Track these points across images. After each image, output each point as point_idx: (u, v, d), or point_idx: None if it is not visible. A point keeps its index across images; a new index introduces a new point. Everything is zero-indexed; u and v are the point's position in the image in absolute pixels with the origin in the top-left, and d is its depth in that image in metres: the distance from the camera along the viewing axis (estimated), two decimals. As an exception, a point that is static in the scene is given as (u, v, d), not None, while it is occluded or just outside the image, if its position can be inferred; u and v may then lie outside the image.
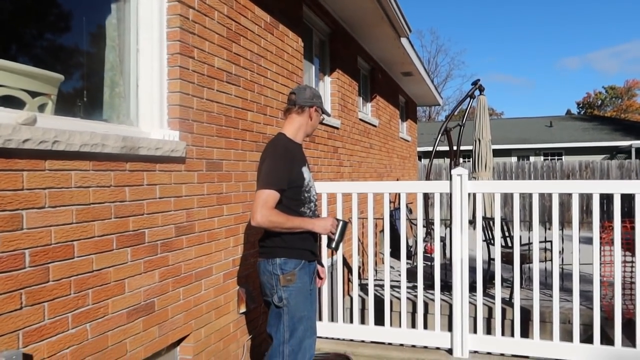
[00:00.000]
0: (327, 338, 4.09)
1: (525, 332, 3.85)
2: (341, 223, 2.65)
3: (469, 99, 6.94)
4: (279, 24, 4.15)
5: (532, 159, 22.37)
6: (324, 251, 3.99)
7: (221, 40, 3.22)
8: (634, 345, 3.43)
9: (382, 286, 5.22)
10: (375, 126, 7.89)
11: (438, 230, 3.83)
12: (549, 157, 22.73)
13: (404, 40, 7.24)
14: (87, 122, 2.33)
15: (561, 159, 21.97)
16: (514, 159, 21.82)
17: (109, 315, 2.30)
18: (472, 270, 3.84)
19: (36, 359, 1.94)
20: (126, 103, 2.70)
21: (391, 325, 3.99)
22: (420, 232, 3.93)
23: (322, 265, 3.03)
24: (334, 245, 2.66)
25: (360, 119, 7.00)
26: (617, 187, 3.46)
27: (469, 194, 3.79)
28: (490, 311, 4.76)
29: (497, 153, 19.34)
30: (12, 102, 2.03)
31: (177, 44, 2.78)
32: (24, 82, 2.11)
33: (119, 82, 2.66)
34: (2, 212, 1.81)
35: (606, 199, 11.17)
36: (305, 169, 2.66)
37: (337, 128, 5.85)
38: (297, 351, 2.62)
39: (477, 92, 6.80)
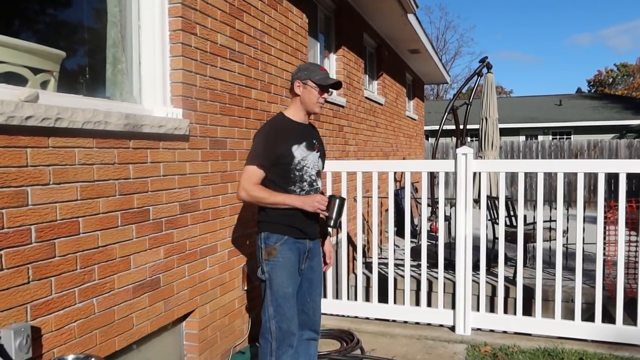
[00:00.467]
0: (331, 315, 4.14)
1: (528, 311, 3.88)
2: (337, 200, 2.56)
3: (476, 77, 6.86)
4: None
5: (540, 138, 22.19)
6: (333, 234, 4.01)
7: (224, 16, 3.19)
8: (635, 323, 3.45)
9: (386, 264, 5.25)
10: (381, 104, 7.84)
11: (442, 209, 3.83)
12: (558, 137, 22.53)
13: (411, 17, 7.14)
14: (90, 99, 2.33)
15: (570, 138, 21.78)
16: (522, 138, 21.64)
17: (115, 290, 2.34)
18: (476, 249, 3.85)
19: (44, 332, 1.99)
20: (129, 80, 2.69)
21: (395, 302, 4.03)
22: (425, 211, 3.94)
23: (328, 249, 2.97)
24: (331, 223, 2.58)
25: (366, 97, 6.95)
26: (623, 167, 3.44)
27: (474, 173, 3.78)
28: (493, 290, 4.78)
29: (505, 132, 19.19)
30: (14, 79, 2.03)
31: (178, 20, 2.76)
32: (25, 58, 2.11)
33: (121, 59, 2.65)
34: (8, 189, 1.83)
35: (613, 179, 11.09)
36: (298, 147, 2.61)
37: (343, 106, 5.81)
38: (284, 329, 2.59)
39: (484, 70, 6.72)
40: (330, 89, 2.74)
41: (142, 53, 2.72)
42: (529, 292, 4.06)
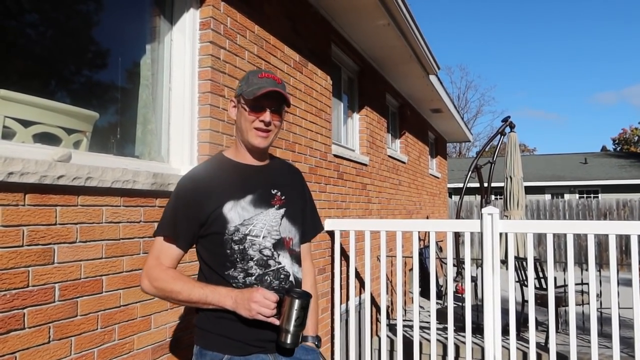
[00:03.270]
0: (353, 380, 3.97)
1: (563, 380, 3.67)
2: (297, 301, 1.53)
3: (499, 135, 6.87)
4: (308, 62, 4.23)
5: (566, 196, 21.82)
6: (356, 293, 3.92)
7: (251, 79, 3.29)
8: (681, 397, 3.21)
9: (411, 327, 5.08)
10: (404, 163, 7.86)
11: (469, 270, 3.73)
12: (584, 195, 22.12)
13: (432, 78, 7.27)
14: (120, 158, 2.39)
15: (597, 196, 21.36)
16: (547, 197, 21.32)
17: (134, 351, 2.30)
18: (505, 312, 3.70)
19: (61, 395, 1.94)
20: (157, 139, 2.77)
21: (420, 368, 3.86)
22: (451, 271, 3.84)
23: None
24: (286, 339, 1.55)
25: (389, 156, 6.99)
26: (657, 228, 3.32)
27: (500, 234, 3.70)
28: (524, 356, 4.56)
29: (530, 190, 18.95)
30: (48, 139, 2.11)
31: (208, 83, 2.85)
32: (61, 119, 2.19)
33: (151, 119, 2.74)
34: (35, 246, 1.86)
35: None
36: (236, 205, 1.65)
37: (366, 165, 5.85)
38: None
39: (507, 129, 6.73)
40: (265, 106, 1.67)
41: (171, 114, 2.81)
42: (562, 360, 3.86)
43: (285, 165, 1.95)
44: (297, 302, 1.53)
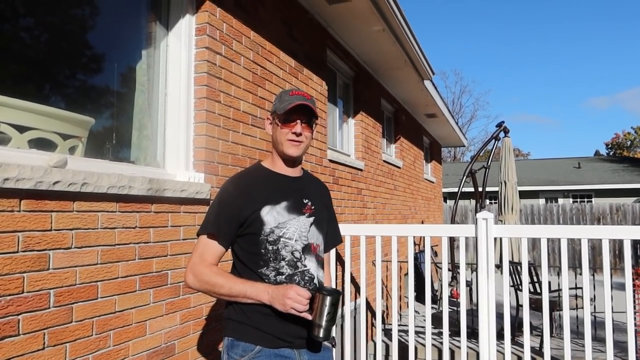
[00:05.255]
0: (349, 385, 3.97)
1: (557, 384, 3.67)
2: (328, 297, 1.65)
3: (493, 140, 6.90)
4: (304, 68, 4.24)
5: (560, 200, 21.93)
6: (351, 298, 3.92)
7: (247, 84, 3.30)
8: (675, 401, 3.23)
9: (406, 331, 5.08)
10: (399, 167, 7.88)
11: (464, 275, 3.74)
12: (578, 199, 22.24)
13: (427, 83, 7.31)
14: (115, 163, 2.39)
15: (591, 201, 21.47)
16: (541, 201, 21.41)
17: (129, 357, 2.29)
18: (500, 316, 3.71)
19: (55, 401, 1.93)
20: (153, 145, 2.77)
21: (416, 373, 3.86)
22: (446, 276, 3.85)
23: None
24: (319, 333, 1.66)
25: (384, 161, 7.01)
26: (650, 233, 3.34)
27: (495, 238, 3.72)
28: (519, 360, 4.57)
29: (524, 195, 19.02)
30: (44, 144, 2.10)
31: (204, 89, 2.86)
32: (56, 125, 2.19)
33: (147, 125, 2.74)
34: (30, 252, 1.85)
35: (638, 244, 10.79)
36: (273, 209, 1.81)
37: (361, 170, 5.86)
38: None
39: (501, 134, 6.76)
40: (296, 119, 1.87)
41: (167, 119, 2.81)
42: (557, 364, 3.87)
43: (316, 180, 2.13)
44: (328, 299, 1.65)
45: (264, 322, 1.75)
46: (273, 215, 1.80)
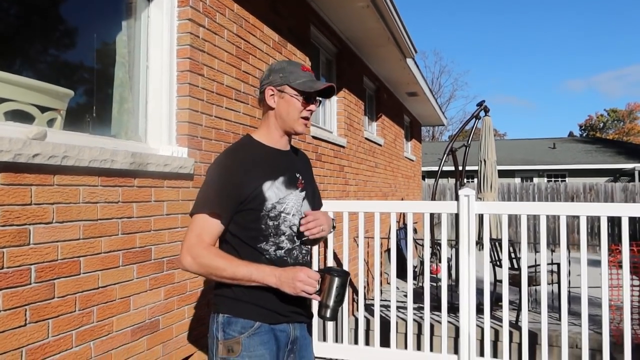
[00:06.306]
0: (331, 359, 4.02)
1: (533, 356, 3.79)
2: (337, 279, 1.65)
3: (474, 119, 6.95)
4: (287, 43, 4.17)
5: (535, 180, 22.34)
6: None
7: (231, 58, 3.23)
8: (645, 371, 3.36)
9: (387, 307, 5.16)
10: (380, 145, 7.89)
11: (445, 251, 3.79)
12: (553, 179, 22.69)
13: (409, 61, 7.29)
14: (97, 137, 2.33)
15: (565, 180, 21.93)
16: (517, 180, 21.76)
17: (113, 333, 2.27)
18: (479, 292, 3.79)
19: (38, 377, 1.91)
20: (135, 119, 2.70)
21: (397, 347, 3.93)
22: (427, 252, 3.89)
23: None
24: (326, 313, 1.66)
25: (366, 138, 7.01)
26: (625, 211, 3.43)
27: (477, 215, 3.77)
28: (497, 334, 4.69)
29: (500, 174, 19.28)
30: (21, 117, 2.03)
31: (186, 62, 2.79)
32: (33, 96, 2.12)
33: (128, 98, 2.66)
34: (10, 227, 1.80)
35: (611, 222, 11.10)
36: (273, 185, 1.77)
37: (343, 147, 5.85)
38: None
39: (482, 113, 6.80)
40: (317, 98, 1.86)
41: (149, 93, 2.74)
42: (533, 337, 3.98)
43: (301, 153, 2.06)
44: (337, 280, 1.64)
45: (264, 298, 1.71)
46: (274, 191, 1.76)
